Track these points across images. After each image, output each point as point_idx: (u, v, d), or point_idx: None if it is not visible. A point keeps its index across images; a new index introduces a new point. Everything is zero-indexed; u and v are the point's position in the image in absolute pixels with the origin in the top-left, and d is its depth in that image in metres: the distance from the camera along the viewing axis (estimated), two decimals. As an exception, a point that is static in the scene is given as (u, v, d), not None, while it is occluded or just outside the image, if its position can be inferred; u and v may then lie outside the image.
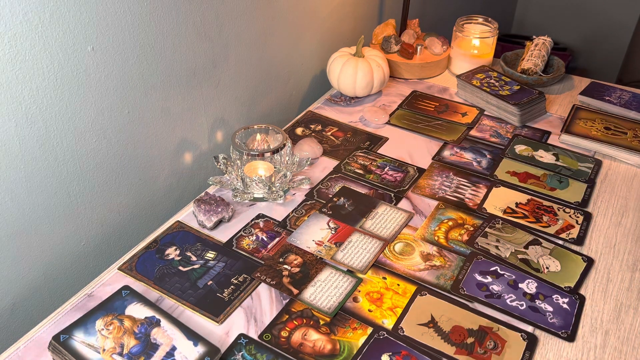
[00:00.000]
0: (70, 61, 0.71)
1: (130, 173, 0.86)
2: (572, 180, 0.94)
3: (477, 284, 0.74)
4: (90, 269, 0.85)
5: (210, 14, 0.89)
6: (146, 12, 0.78)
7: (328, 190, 0.92)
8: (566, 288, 0.74)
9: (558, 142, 1.04)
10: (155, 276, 0.75)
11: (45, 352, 0.65)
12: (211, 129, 0.99)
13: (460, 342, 0.67)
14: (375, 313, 0.71)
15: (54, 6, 0.67)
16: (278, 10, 1.05)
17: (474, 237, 0.81)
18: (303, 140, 1.01)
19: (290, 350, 0.66)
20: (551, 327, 0.69)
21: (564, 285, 0.74)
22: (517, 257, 0.78)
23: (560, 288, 0.74)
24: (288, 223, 0.85)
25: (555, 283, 0.75)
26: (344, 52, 1.15)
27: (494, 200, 0.89)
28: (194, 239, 0.82)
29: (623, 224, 0.86)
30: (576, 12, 2.46)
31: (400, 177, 0.95)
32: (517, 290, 0.74)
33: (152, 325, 0.67)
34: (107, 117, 0.79)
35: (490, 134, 1.07)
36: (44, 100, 0.70)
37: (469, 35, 1.24)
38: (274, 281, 0.75)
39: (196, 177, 1.00)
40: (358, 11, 1.33)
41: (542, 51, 1.21)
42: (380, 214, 0.86)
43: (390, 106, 1.15)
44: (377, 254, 0.79)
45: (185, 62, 0.88)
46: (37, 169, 0.72)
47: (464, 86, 1.17)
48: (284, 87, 1.16)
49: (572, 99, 1.18)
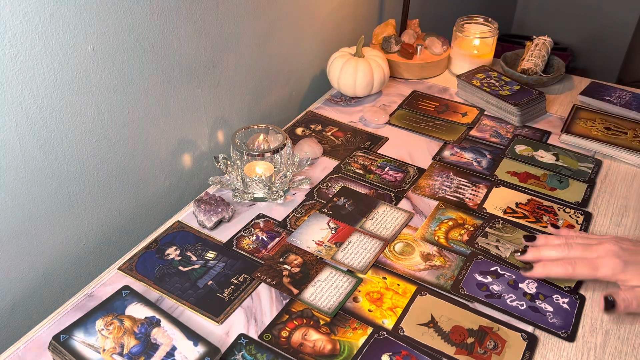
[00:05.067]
0: (70, 61, 0.71)
1: (130, 173, 0.86)
2: (572, 180, 0.94)
3: (477, 284, 0.74)
4: (90, 269, 0.85)
5: (210, 14, 0.89)
6: (146, 12, 0.78)
7: (328, 190, 0.92)
8: (566, 288, 0.74)
9: (558, 142, 1.04)
10: (155, 276, 0.75)
11: (45, 352, 0.65)
12: (211, 129, 0.99)
13: (460, 342, 0.67)
14: (375, 313, 0.71)
15: (54, 6, 0.67)
16: (278, 10, 1.05)
17: (474, 237, 0.81)
18: (303, 140, 1.01)
19: (290, 350, 0.66)
20: (551, 327, 0.69)
21: (564, 286, 0.74)
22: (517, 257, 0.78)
23: (561, 288, 0.74)
24: (288, 223, 0.85)
25: (556, 283, 0.75)
26: (344, 52, 1.15)
27: (494, 200, 0.89)
28: (194, 239, 0.82)
29: (623, 224, 0.86)
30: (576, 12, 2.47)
31: (400, 177, 0.95)
32: (517, 290, 0.74)
33: (152, 325, 0.67)
34: (107, 117, 0.79)
35: (490, 134, 1.07)
36: (44, 100, 0.70)
37: (469, 35, 1.24)
38: (274, 281, 0.75)
39: (196, 177, 1.00)
40: (358, 11, 1.33)
41: (542, 51, 1.21)
42: (381, 214, 0.86)
43: (390, 106, 1.15)
44: (377, 254, 0.79)
45: (186, 62, 0.88)
46: (37, 169, 0.72)
47: (464, 86, 1.17)
48: (284, 87, 1.16)
49: (572, 99, 1.18)
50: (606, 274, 0.69)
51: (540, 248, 0.73)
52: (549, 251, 0.73)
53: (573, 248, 0.71)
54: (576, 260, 0.70)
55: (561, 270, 0.70)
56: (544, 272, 0.71)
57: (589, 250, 0.71)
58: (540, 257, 0.73)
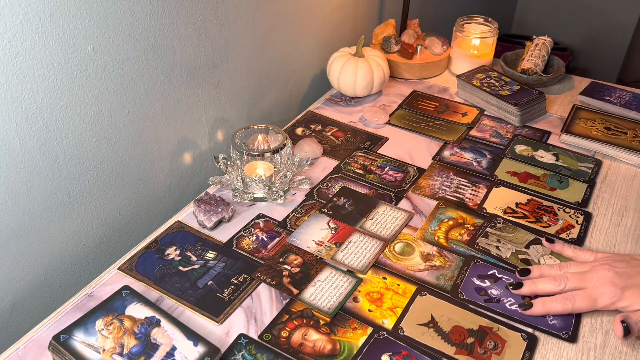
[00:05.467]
0: (70, 61, 0.71)
1: (130, 173, 0.86)
2: (572, 180, 0.94)
3: (476, 288, 0.74)
4: (90, 269, 0.85)
5: (210, 14, 0.89)
6: (146, 12, 0.79)
7: (328, 190, 0.92)
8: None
9: (558, 142, 1.04)
10: (155, 276, 0.75)
11: (45, 352, 0.65)
12: (211, 129, 0.99)
13: (460, 342, 0.67)
14: (375, 313, 0.71)
15: (54, 6, 0.67)
16: (278, 10, 1.05)
17: (474, 237, 0.81)
18: (303, 140, 1.01)
19: (290, 350, 0.66)
20: (552, 329, 0.69)
21: None
22: (518, 257, 0.78)
23: None
24: (288, 223, 0.85)
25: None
26: (344, 52, 1.15)
27: (494, 200, 0.89)
28: (194, 239, 0.82)
29: (623, 224, 0.86)
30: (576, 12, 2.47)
31: (400, 177, 0.95)
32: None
33: (152, 325, 0.67)
34: (107, 117, 0.79)
35: (490, 134, 1.07)
36: (44, 100, 0.70)
37: (469, 35, 1.24)
38: (274, 281, 0.75)
39: (196, 177, 1.00)
40: (358, 11, 1.33)
41: (542, 51, 1.21)
42: (380, 214, 0.86)
43: (390, 106, 1.15)
44: (377, 254, 0.79)
45: (186, 62, 0.88)
46: (37, 169, 0.72)
47: (464, 86, 1.17)
48: (284, 87, 1.16)
49: (572, 99, 1.18)
50: (605, 303, 0.68)
51: (537, 281, 0.72)
52: (544, 285, 0.71)
53: (569, 280, 0.70)
54: (574, 295, 0.69)
55: (561, 307, 0.69)
56: (544, 309, 0.70)
57: (585, 280, 0.70)
58: (536, 291, 0.72)
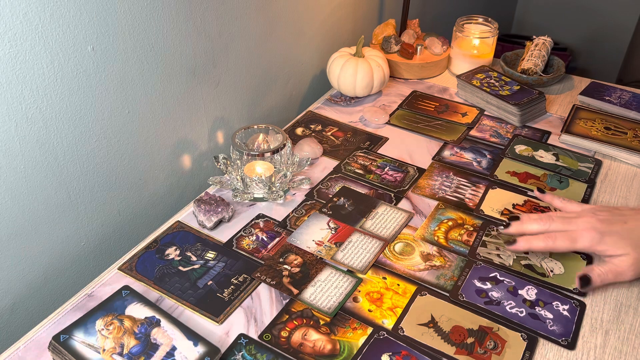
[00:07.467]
0: (70, 61, 0.71)
1: (130, 173, 0.86)
2: (572, 180, 0.94)
3: (477, 291, 0.74)
4: (90, 269, 0.85)
5: (210, 13, 0.89)
6: (146, 12, 0.79)
7: (328, 190, 0.92)
8: (575, 290, 0.74)
9: (558, 142, 1.04)
10: (155, 276, 0.75)
11: (45, 352, 0.65)
12: (211, 129, 0.99)
13: (460, 342, 0.67)
14: (375, 313, 0.71)
15: (54, 6, 0.67)
16: (278, 10, 1.05)
17: (473, 247, 0.81)
18: (303, 140, 1.01)
19: (290, 350, 0.66)
20: (551, 335, 0.68)
21: (572, 287, 0.74)
22: (521, 264, 0.78)
23: (570, 290, 0.74)
24: (288, 223, 0.85)
25: (564, 286, 0.74)
26: (344, 52, 1.15)
27: (491, 202, 0.89)
28: (194, 239, 0.82)
29: (623, 224, 0.85)
30: (576, 12, 2.47)
31: (400, 177, 0.95)
32: (516, 297, 0.73)
33: (152, 325, 0.67)
34: (107, 117, 0.79)
35: (490, 134, 1.07)
36: (44, 100, 0.70)
37: (469, 36, 1.24)
38: (274, 281, 0.75)
39: (196, 177, 1.00)
40: (358, 11, 1.33)
41: (542, 51, 1.21)
42: (380, 214, 0.86)
43: (390, 106, 1.16)
44: (377, 254, 0.79)
45: (186, 62, 0.88)
46: (37, 169, 0.72)
47: (464, 86, 1.17)
48: (284, 87, 1.16)
49: (572, 99, 1.18)
50: (584, 245, 0.72)
51: (524, 221, 0.77)
52: (531, 224, 0.76)
53: (554, 221, 0.75)
54: (557, 235, 0.74)
55: (542, 243, 0.74)
56: (527, 245, 0.74)
57: (569, 223, 0.74)
58: (522, 230, 0.76)
